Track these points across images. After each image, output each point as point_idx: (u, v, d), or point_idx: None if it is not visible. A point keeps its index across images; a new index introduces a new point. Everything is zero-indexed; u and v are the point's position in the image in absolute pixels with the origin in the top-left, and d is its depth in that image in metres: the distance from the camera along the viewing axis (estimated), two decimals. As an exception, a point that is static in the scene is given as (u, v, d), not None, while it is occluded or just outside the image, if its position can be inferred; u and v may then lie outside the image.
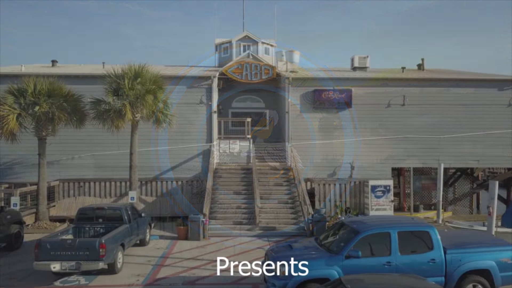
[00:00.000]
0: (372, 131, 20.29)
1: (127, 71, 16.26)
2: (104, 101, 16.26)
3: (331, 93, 20.38)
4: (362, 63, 24.88)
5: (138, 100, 15.88)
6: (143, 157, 18.90)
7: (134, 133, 16.72)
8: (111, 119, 15.79)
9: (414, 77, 20.95)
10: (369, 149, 20.03)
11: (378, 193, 18.77)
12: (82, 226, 11.82)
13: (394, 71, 25.94)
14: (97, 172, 19.10)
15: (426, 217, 20.19)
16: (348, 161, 19.88)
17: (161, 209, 18.62)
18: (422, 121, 20.41)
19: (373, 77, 20.86)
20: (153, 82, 16.53)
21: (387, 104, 20.67)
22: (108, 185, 19.03)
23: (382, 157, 20.00)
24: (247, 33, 25.25)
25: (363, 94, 20.61)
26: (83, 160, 19.14)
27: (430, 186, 21.96)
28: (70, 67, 23.74)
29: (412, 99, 20.57)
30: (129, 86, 15.98)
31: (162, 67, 26.52)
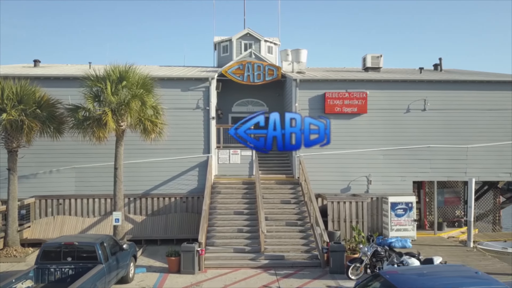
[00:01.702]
0: (390, 139, 17.99)
1: (111, 72, 13.98)
2: (83, 108, 13.97)
3: (344, 96, 18.10)
4: (375, 63, 22.63)
5: (122, 106, 13.58)
6: (132, 170, 16.63)
7: (119, 144, 14.42)
8: (91, 129, 13.49)
9: (437, 79, 18.64)
10: (387, 160, 17.74)
11: (399, 211, 16.49)
12: (46, 267, 9.50)
13: (410, 71, 23.73)
14: (79, 188, 16.77)
15: (450, 237, 17.95)
16: (364, 174, 17.59)
17: (152, 230, 16.31)
18: (446, 128, 18.12)
19: (390, 78, 18.56)
20: (141, 86, 14.23)
21: (406, 109, 18.39)
22: (91, 202, 16.70)
23: (402, 170, 17.69)
24: (249, 31, 22.97)
25: (379, 98, 18.32)
26: (62, 173, 16.80)
27: (454, 200, 19.69)
28: (53, 68, 21.45)
29: (434, 103, 18.28)
30: (112, 91, 13.71)
31: (155, 67, 24.37)
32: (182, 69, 22.88)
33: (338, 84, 18.39)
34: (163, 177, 17.01)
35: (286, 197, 16.28)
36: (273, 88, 21.58)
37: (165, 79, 17.70)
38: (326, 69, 24.59)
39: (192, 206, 16.91)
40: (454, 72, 24.28)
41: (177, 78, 17.89)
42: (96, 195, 16.70)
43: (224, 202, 15.76)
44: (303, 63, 21.02)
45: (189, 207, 16.91)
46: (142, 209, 16.81)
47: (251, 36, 23.03)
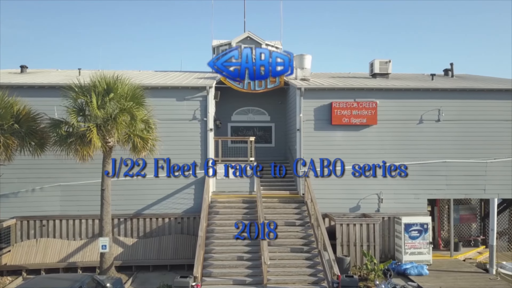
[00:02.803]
0: (403, 153, 16.61)
1: (97, 83, 12.62)
2: (66, 122, 12.59)
3: (352, 106, 16.75)
4: (383, 68, 21.22)
5: (109, 122, 12.22)
6: (122, 188, 15.29)
7: (107, 162, 13.06)
8: (74, 147, 12.13)
9: (452, 87, 17.28)
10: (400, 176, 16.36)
11: (413, 233, 15.14)
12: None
13: (421, 77, 22.37)
14: (65, 207, 15.38)
15: (467, 258, 16.60)
16: (374, 192, 16.23)
17: (144, 254, 14.94)
18: (463, 141, 16.77)
19: (402, 87, 17.20)
20: (131, 98, 12.87)
21: (419, 120, 17.02)
22: (78, 223, 15.33)
23: (415, 187, 16.32)
24: (249, 34, 21.59)
25: (390, 108, 16.96)
26: (47, 192, 15.41)
27: (469, 218, 18.33)
28: (40, 74, 20.07)
29: (450, 113, 16.93)
30: (98, 104, 12.35)
31: (150, 73, 23.05)
32: (178, 75, 21.53)
33: (346, 93, 17.04)
34: (156, 195, 15.63)
35: (290, 218, 14.92)
36: (275, 96, 20.24)
37: (158, 88, 16.39)
38: (332, 75, 23.23)
39: (188, 227, 15.55)
40: (467, 78, 22.93)
41: (171, 87, 16.52)
42: (83, 216, 15.33)
43: (222, 224, 14.40)
44: (307, 69, 19.64)
45: (184, 228, 15.55)
46: (134, 231, 15.44)
47: (252, 39, 21.65)
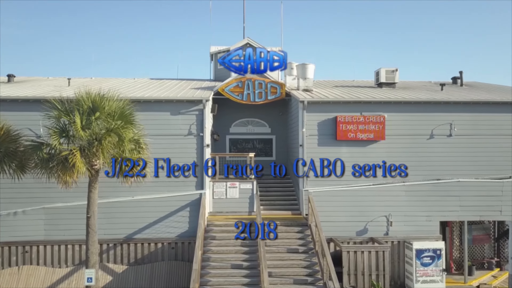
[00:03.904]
0: (412, 171, 15.54)
1: (82, 101, 11.51)
2: (48, 144, 11.48)
3: (358, 120, 15.68)
4: (389, 77, 20.18)
5: (94, 144, 11.10)
6: (111, 211, 14.24)
7: (93, 187, 11.92)
8: (56, 172, 11.02)
9: (465, 100, 16.20)
10: (410, 197, 15.30)
11: (425, 259, 14.06)
12: None
13: (429, 86, 21.29)
14: (50, 232, 14.25)
15: (482, 284, 15.51)
16: (383, 214, 15.14)
17: (135, 283, 13.83)
18: (477, 157, 15.71)
19: (412, 99, 16.12)
20: (119, 116, 11.75)
21: (430, 135, 15.97)
22: (63, 249, 14.20)
23: (427, 208, 15.23)
24: (249, 40, 20.47)
25: (399, 122, 15.92)
26: (29, 215, 14.29)
27: (483, 238, 17.24)
28: (27, 84, 18.94)
29: (462, 127, 15.89)
30: (83, 124, 11.24)
31: (146, 81, 21.98)
32: (174, 84, 20.44)
33: (352, 106, 15.98)
34: (148, 218, 14.53)
35: (293, 243, 13.82)
36: (276, 106, 19.19)
37: (151, 101, 15.32)
38: (335, 84, 22.16)
39: (183, 253, 14.45)
40: (477, 86, 21.86)
41: (165, 100, 15.41)
42: (69, 241, 14.21)
43: (219, 252, 13.30)
44: (310, 79, 18.56)
45: (179, 254, 14.44)
46: (124, 257, 14.32)
47: (251, 46, 20.48)
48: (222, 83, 17.79)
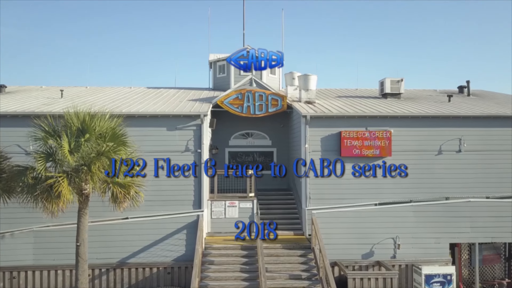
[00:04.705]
0: (420, 188, 14.84)
1: (70, 121, 10.79)
2: (34, 168, 10.74)
3: (363, 136, 14.96)
4: (395, 88, 19.48)
5: (84, 170, 10.37)
6: (103, 233, 13.54)
7: (83, 213, 11.18)
8: (41, 201, 10.29)
9: (476, 114, 15.46)
10: (418, 218, 14.56)
11: (435, 285, 13.35)
12: None
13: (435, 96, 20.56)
14: (39, 256, 13.49)
15: (493, 308, 14.77)
16: (390, 236, 14.41)
17: (128, 310, 13.15)
18: (487, 173, 15.00)
19: (420, 114, 15.39)
20: (110, 138, 11.04)
21: (438, 151, 15.25)
22: (53, 275, 13.45)
23: (436, 230, 14.50)
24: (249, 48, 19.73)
25: (406, 138, 15.20)
26: (17, 238, 13.56)
27: (493, 258, 16.47)
28: (18, 96, 18.19)
29: (472, 142, 15.18)
30: (71, 147, 10.51)
31: (142, 90, 21.31)
32: (172, 94, 19.73)
33: (356, 121, 15.26)
34: (143, 241, 13.79)
35: (295, 268, 13.09)
36: (277, 118, 18.43)
37: (147, 116, 14.60)
38: (338, 93, 21.43)
39: (179, 278, 13.72)
40: (485, 96, 21.14)
41: (161, 115, 14.69)
42: (60, 266, 13.46)
43: (218, 278, 12.55)
44: (312, 91, 17.81)
45: (175, 279, 13.71)
46: (117, 283, 13.57)
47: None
48: (221, 95, 17.04)
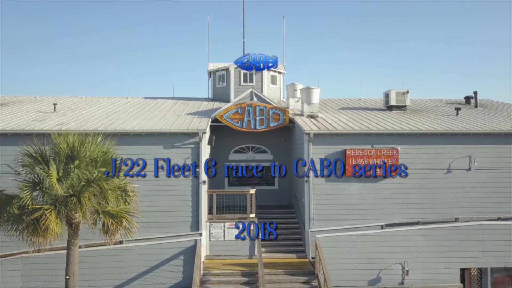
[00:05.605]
0: (429, 209, 14.20)
1: (59, 146, 10.09)
2: (19, 198, 10.03)
3: (369, 154, 14.29)
4: (400, 100, 18.84)
5: (73, 200, 9.67)
6: (95, 260, 12.83)
7: (72, 243, 10.47)
8: (27, 235, 9.59)
9: (487, 131, 14.77)
10: (426, 241, 13.89)
11: (446, 314, 12.67)
12: None
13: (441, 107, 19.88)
14: (28, 284, 12.81)
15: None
16: (397, 261, 13.73)
17: None
18: (499, 192, 14.38)
19: (428, 131, 14.71)
20: (102, 163, 10.34)
21: (447, 169, 14.59)
22: (42, 303, 12.84)
23: (446, 254, 13.84)
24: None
25: (414, 155, 14.57)
26: (5, 266, 12.86)
27: (504, 280, 15.77)
28: (9, 109, 17.49)
29: (483, 160, 14.55)
30: (60, 175, 9.81)
31: (139, 101, 20.64)
32: (170, 106, 19.08)
33: (362, 138, 14.58)
34: (138, 267, 13.11)
35: (298, 297, 12.44)
36: (278, 131, 17.76)
37: (142, 134, 13.92)
38: (341, 104, 20.76)
39: (175, 307, 13.07)
40: (492, 107, 20.50)
41: (158, 133, 14.01)
42: (50, 293, 12.83)
43: (217, 309, 11.91)
44: (315, 104, 17.12)
45: (171, 308, 13.07)
46: (111, 312, 12.95)
47: (250, 61, 19.12)
48: (221, 109, 16.34)
